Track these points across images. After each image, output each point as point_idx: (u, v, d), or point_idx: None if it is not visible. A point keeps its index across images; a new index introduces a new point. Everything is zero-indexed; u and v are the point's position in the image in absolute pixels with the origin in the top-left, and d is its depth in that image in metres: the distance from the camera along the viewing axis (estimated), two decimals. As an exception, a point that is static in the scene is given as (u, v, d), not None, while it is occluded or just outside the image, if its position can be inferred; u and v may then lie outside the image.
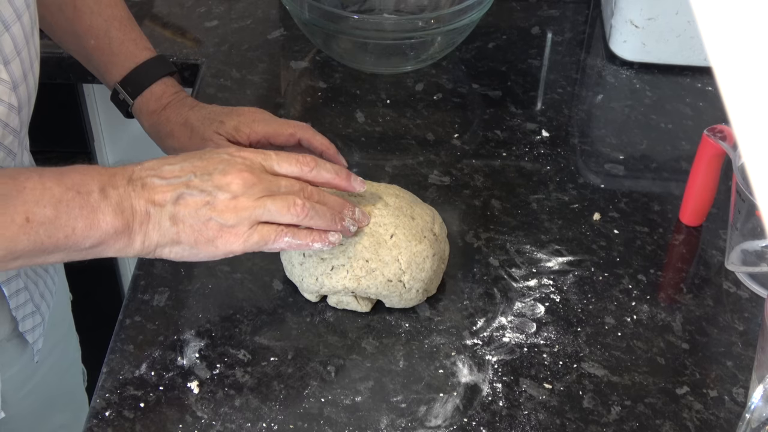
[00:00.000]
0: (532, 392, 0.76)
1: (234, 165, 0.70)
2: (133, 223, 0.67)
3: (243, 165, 0.70)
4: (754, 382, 0.74)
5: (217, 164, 0.70)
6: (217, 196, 0.68)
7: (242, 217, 0.69)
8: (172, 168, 0.69)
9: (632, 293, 0.85)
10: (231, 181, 0.69)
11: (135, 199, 0.67)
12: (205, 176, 0.69)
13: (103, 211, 0.66)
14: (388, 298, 0.80)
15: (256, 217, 0.69)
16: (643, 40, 1.12)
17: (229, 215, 0.69)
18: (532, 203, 0.94)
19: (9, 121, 0.74)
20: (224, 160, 0.70)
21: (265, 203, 0.69)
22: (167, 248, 0.70)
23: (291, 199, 0.70)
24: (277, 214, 0.70)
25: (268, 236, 0.70)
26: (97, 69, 0.93)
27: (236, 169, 0.69)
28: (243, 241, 0.70)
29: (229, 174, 0.69)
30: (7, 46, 0.72)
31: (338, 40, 1.10)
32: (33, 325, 0.89)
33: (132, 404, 0.74)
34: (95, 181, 0.67)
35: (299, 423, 0.73)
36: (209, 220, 0.68)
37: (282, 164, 0.72)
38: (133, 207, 0.67)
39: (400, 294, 0.79)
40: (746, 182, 0.82)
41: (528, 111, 1.07)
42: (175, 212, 0.68)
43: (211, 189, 0.68)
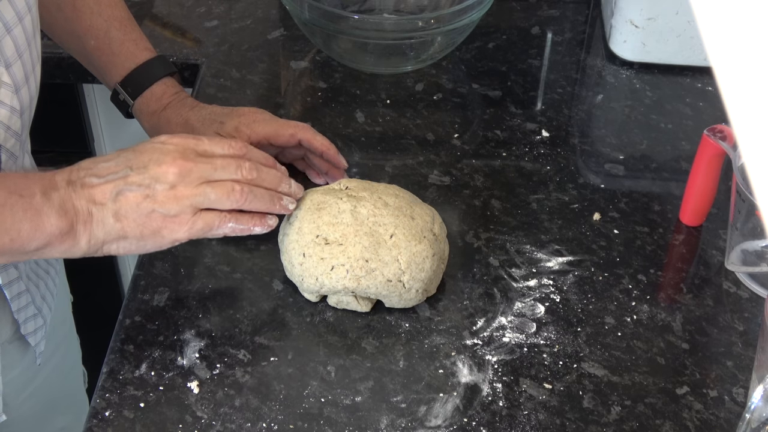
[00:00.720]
0: (532, 392, 0.76)
1: (167, 153, 0.70)
2: (77, 224, 0.68)
3: (176, 152, 0.70)
4: (754, 382, 0.74)
5: (150, 155, 0.70)
6: (155, 187, 0.69)
7: (184, 205, 0.70)
8: (107, 165, 0.70)
9: (632, 293, 0.85)
10: (167, 170, 0.69)
11: (76, 200, 0.68)
12: (141, 169, 0.69)
13: (47, 213, 0.66)
14: (388, 298, 0.80)
15: (197, 204, 0.70)
16: (643, 40, 1.12)
17: (171, 205, 0.69)
18: (532, 203, 0.94)
19: (11, 124, 0.74)
20: (157, 149, 0.71)
21: (204, 190, 0.70)
22: (114, 244, 0.70)
23: (230, 186, 0.71)
24: (218, 202, 0.71)
25: (212, 222, 0.72)
26: (97, 69, 0.93)
27: (170, 158, 0.70)
28: (188, 229, 0.71)
29: (164, 163, 0.69)
30: (8, 49, 0.72)
31: (338, 40, 1.10)
32: (35, 328, 0.89)
33: (132, 404, 0.74)
34: (36, 185, 0.67)
35: (299, 423, 0.73)
36: (152, 212, 0.69)
37: (214, 147, 0.73)
38: (76, 207, 0.68)
39: (399, 294, 0.79)
40: (746, 182, 0.82)
41: (528, 111, 1.07)
42: (117, 209, 0.69)
43: (149, 182, 0.69)
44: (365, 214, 0.80)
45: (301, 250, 0.80)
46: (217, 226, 0.72)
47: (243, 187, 0.72)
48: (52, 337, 0.95)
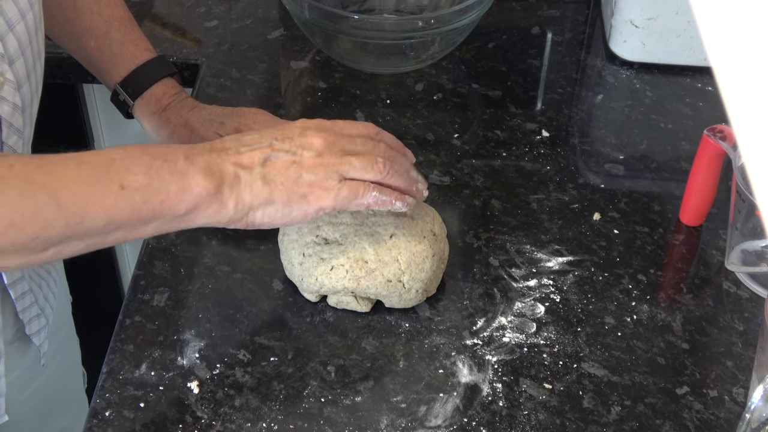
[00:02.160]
0: (532, 392, 0.76)
1: (310, 128, 0.72)
2: (223, 186, 0.68)
3: (318, 128, 0.73)
4: (754, 382, 0.74)
5: (293, 130, 0.72)
6: (303, 154, 0.70)
7: (330, 171, 0.71)
8: (252, 137, 0.71)
9: (632, 293, 0.85)
10: (312, 140, 0.71)
11: (222, 164, 0.68)
12: (287, 139, 0.71)
13: (193, 175, 0.66)
14: (388, 298, 0.80)
15: (343, 172, 0.71)
16: (643, 40, 1.12)
17: (318, 170, 0.70)
18: (532, 203, 0.94)
19: (13, 120, 0.74)
20: (299, 126, 0.73)
21: (349, 159, 0.72)
22: (260, 210, 0.70)
23: (373, 158, 0.73)
24: (363, 171, 0.72)
25: (357, 190, 0.72)
26: (97, 70, 0.93)
27: (314, 131, 0.72)
28: (334, 196, 0.71)
29: (308, 135, 0.71)
30: (11, 46, 0.72)
31: (338, 40, 1.10)
32: (39, 328, 0.89)
33: (132, 404, 0.74)
34: (179, 151, 0.68)
35: (299, 423, 0.73)
36: (300, 177, 0.70)
37: (350, 128, 0.75)
38: (222, 170, 0.68)
39: (399, 294, 0.79)
40: (746, 182, 0.82)
41: (528, 111, 1.07)
42: (265, 173, 0.69)
43: (295, 149, 0.70)
44: (365, 214, 0.80)
45: (301, 250, 0.80)
46: (362, 194, 0.72)
47: (385, 161, 0.73)
48: (53, 337, 0.95)
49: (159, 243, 0.87)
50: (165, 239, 0.88)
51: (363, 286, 0.78)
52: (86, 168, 0.64)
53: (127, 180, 0.64)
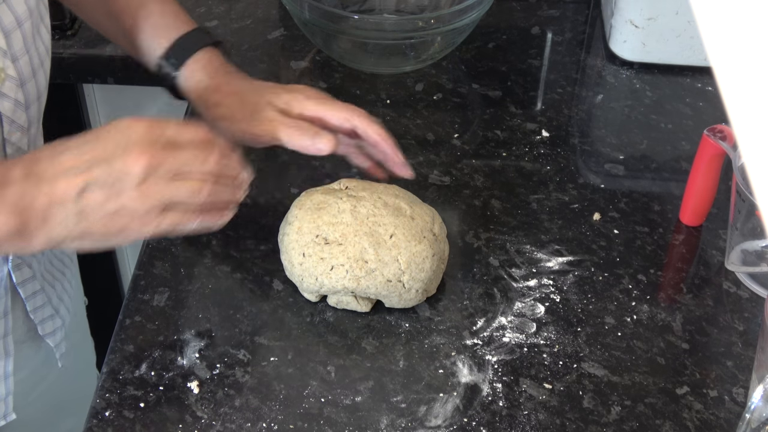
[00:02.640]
0: (532, 392, 0.76)
1: (134, 143, 0.65)
2: (30, 223, 0.63)
3: (143, 142, 0.66)
4: (754, 382, 0.74)
5: (115, 143, 0.65)
6: (122, 185, 0.65)
7: (151, 204, 0.66)
8: (69, 156, 0.65)
9: (632, 293, 0.85)
10: (134, 164, 0.65)
11: (35, 197, 0.63)
12: (106, 162, 0.64)
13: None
14: (388, 298, 0.80)
15: (165, 202, 0.67)
16: (643, 40, 1.12)
17: (138, 204, 0.65)
18: (532, 203, 0.94)
19: (15, 117, 0.73)
20: (122, 136, 0.66)
21: (173, 188, 0.66)
22: (76, 242, 0.66)
23: (198, 184, 0.68)
24: (186, 199, 0.67)
25: (178, 221, 0.68)
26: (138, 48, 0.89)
27: (137, 149, 0.65)
28: (155, 227, 0.67)
29: (130, 155, 0.65)
30: (17, 43, 0.72)
31: (338, 40, 1.10)
32: (54, 328, 0.89)
33: (132, 404, 0.74)
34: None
35: (299, 423, 0.73)
36: (119, 210, 0.65)
37: (182, 133, 0.69)
38: (32, 206, 0.63)
39: (399, 294, 0.79)
40: (746, 182, 0.82)
41: (528, 111, 1.07)
42: (81, 208, 0.64)
43: (114, 179, 0.64)
44: (365, 214, 0.80)
45: (301, 250, 0.80)
46: (185, 223, 0.69)
47: (209, 187, 0.68)
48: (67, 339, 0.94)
49: (159, 243, 0.87)
50: (165, 239, 0.88)
51: (363, 286, 0.78)
52: None
53: None
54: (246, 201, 0.92)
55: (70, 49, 1.14)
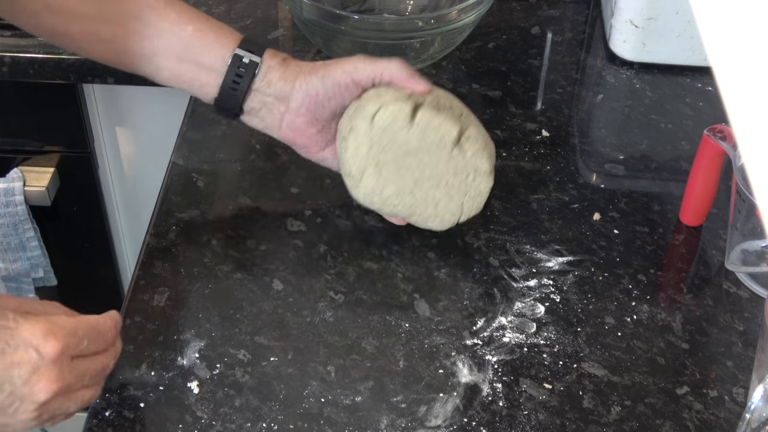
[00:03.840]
0: (532, 392, 0.76)
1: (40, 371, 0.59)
2: None
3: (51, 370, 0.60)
4: (754, 382, 0.74)
5: (20, 368, 0.59)
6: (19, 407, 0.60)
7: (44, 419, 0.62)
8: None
9: (632, 293, 0.85)
10: (37, 393, 0.60)
11: None
12: (6, 386, 0.59)
13: None
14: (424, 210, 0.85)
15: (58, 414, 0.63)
16: (643, 40, 1.12)
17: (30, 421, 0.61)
18: (532, 203, 0.94)
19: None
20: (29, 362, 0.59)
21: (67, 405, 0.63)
22: None
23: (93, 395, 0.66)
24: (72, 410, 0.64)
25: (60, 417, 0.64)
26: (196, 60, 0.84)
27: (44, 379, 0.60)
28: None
29: (34, 384, 0.59)
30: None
31: (338, 40, 1.10)
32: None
33: (132, 404, 0.74)
34: None
35: (299, 423, 0.73)
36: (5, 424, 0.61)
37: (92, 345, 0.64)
38: None
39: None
40: (746, 182, 0.82)
41: (528, 111, 1.07)
42: None
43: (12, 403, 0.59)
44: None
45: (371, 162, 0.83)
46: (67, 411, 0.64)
47: (96, 392, 0.66)
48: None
49: (159, 243, 0.87)
50: (165, 239, 0.88)
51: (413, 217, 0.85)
52: None
53: None
54: (246, 201, 0.92)
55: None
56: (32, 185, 1.25)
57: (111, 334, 0.67)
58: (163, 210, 0.91)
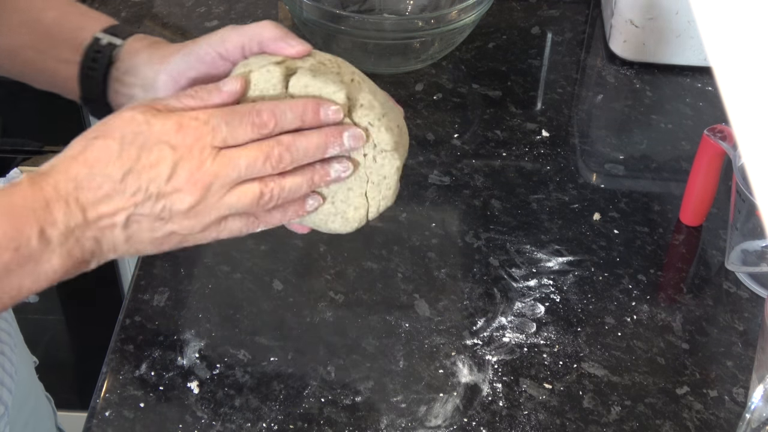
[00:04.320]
0: (532, 392, 0.76)
1: (181, 165, 0.58)
2: (82, 256, 0.58)
3: (191, 161, 0.58)
4: (754, 382, 0.74)
5: (158, 168, 0.58)
6: (172, 209, 0.58)
7: (206, 222, 0.60)
8: (110, 182, 0.57)
9: (632, 293, 0.85)
10: (179, 190, 0.58)
11: (79, 234, 0.57)
12: (151, 189, 0.58)
13: (48, 259, 0.56)
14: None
15: (222, 216, 0.60)
16: (643, 40, 1.12)
17: (192, 224, 0.59)
18: (532, 203, 0.94)
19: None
20: (165, 160, 0.58)
21: (228, 202, 0.59)
22: (131, 257, 0.62)
23: (257, 192, 0.60)
24: (246, 209, 0.60)
25: (239, 230, 0.62)
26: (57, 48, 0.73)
27: (185, 174, 0.58)
28: (214, 237, 0.61)
29: (176, 181, 0.58)
30: None
31: (338, 40, 1.10)
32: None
33: (132, 404, 0.74)
34: (31, 225, 0.55)
35: (299, 423, 0.73)
36: (169, 234, 0.59)
37: (236, 135, 0.59)
38: (80, 243, 0.57)
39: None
40: (746, 182, 0.82)
41: (528, 111, 1.07)
42: (129, 234, 0.59)
43: (161, 206, 0.58)
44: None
45: None
46: (246, 231, 0.62)
47: (272, 190, 0.60)
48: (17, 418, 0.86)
49: (159, 243, 0.87)
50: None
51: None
52: None
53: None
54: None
55: (70, 49, 1.14)
56: (32, 185, 1.24)
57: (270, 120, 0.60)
58: (163, 210, 0.91)
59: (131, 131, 0.58)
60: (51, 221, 0.56)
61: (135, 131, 0.58)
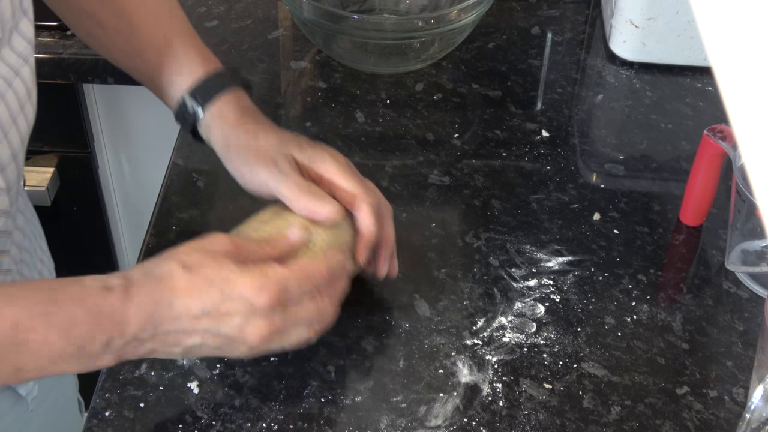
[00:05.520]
0: (532, 392, 0.76)
1: (255, 322, 0.65)
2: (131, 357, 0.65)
3: (265, 318, 0.65)
4: (754, 382, 0.74)
5: (235, 318, 0.65)
6: (232, 344, 0.67)
7: (255, 353, 0.69)
8: (189, 320, 0.64)
9: (632, 293, 0.85)
10: (247, 337, 0.66)
11: (140, 345, 0.64)
12: (222, 331, 0.65)
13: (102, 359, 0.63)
14: None
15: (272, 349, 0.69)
16: (643, 40, 1.12)
17: (243, 354, 0.68)
18: (532, 203, 0.94)
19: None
20: (242, 312, 0.65)
21: (279, 343, 0.69)
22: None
23: (303, 334, 0.69)
24: (297, 340, 0.70)
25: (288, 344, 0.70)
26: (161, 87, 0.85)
27: (256, 329, 0.65)
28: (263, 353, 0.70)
29: (246, 331, 0.65)
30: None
31: (338, 40, 1.10)
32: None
33: (132, 404, 0.74)
34: (105, 332, 0.62)
35: (299, 423, 0.73)
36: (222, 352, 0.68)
37: (302, 288, 0.68)
38: (137, 350, 0.64)
39: None
40: (746, 182, 0.82)
41: (528, 111, 1.07)
42: (187, 352, 0.67)
43: (226, 342, 0.66)
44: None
45: None
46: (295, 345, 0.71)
47: (316, 331, 0.70)
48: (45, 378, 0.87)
49: (159, 243, 0.87)
50: (165, 239, 0.88)
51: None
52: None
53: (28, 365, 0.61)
54: (246, 201, 0.92)
55: (70, 49, 1.14)
56: (32, 185, 1.25)
57: (323, 278, 0.69)
58: (163, 210, 0.91)
59: (218, 277, 0.65)
60: (121, 333, 0.62)
61: (222, 277, 0.65)
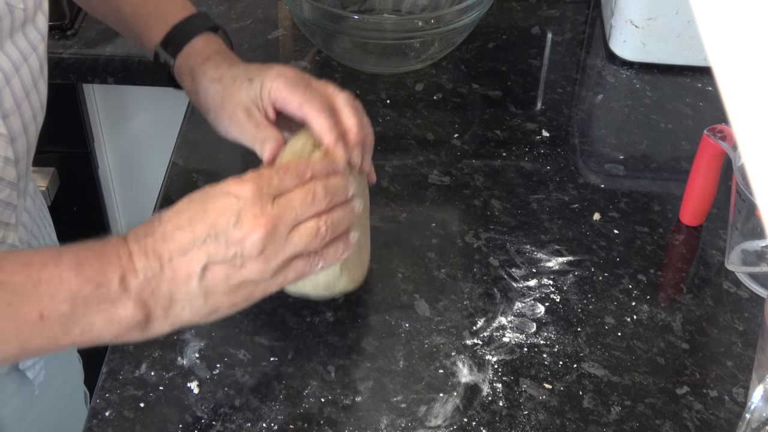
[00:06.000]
0: (532, 392, 0.76)
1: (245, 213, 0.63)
2: (155, 310, 0.62)
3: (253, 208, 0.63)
4: (754, 382, 0.74)
5: (226, 215, 0.63)
6: (244, 256, 0.63)
7: (274, 267, 0.64)
8: (183, 233, 0.63)
9: (632, 293, 0.85)
10: (251, 235, 0.63)
11: (157, 285, 0.62)
12: (221, 236, 0.62)
13: (124, 304, 0.61)
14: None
15: (288, 257, 0.65)
16: (643, 40, 1.12)
17: (261, 273, 0.64)
18: (532, 203, 0.94)
19: (5, 174, 0.72)
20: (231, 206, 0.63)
21: (292, 242, 0.65)
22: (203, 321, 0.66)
23: (314, 228, 0.65)
24: (306, 248, 0.65)
25: (303, 270, 0.67)
26: (137, 36, 0.87)
27: (250, 218, 0.63)
28: (280, 284, 0.66)
29: (244, 226, 0.63)
30: (6, 101, 0.70)
31: (338, 40, 1.10)
32: (32, 362, 0.85)
33: (132, 404, 0.74)
34: (115, 269, 0.61)
35: (299, 423, 0.73)
36: (242, 282, 0.64)
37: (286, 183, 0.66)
38: (156, 293, 0.62)
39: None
40: (746, 182, 0.82)
41: (528, 111, 1.07)
42: (206, 287, 0.63)
43: (233, 251, 0.63)
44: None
45: None
46: (309, 271, 0.67)
47: (326, 224, 0.66)
48: (50, 363, 0.90)
49: (159, 243, 0.87)
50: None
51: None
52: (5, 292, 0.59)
53: (49, 309, 0.59)
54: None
55: (70, 49, 1.14)
56: (32, 185, 1.25)
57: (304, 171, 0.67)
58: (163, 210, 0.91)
59: (197, 193, 0.65)
60: (132, 270, 0.62)
61: (200, 192, 0.65)
